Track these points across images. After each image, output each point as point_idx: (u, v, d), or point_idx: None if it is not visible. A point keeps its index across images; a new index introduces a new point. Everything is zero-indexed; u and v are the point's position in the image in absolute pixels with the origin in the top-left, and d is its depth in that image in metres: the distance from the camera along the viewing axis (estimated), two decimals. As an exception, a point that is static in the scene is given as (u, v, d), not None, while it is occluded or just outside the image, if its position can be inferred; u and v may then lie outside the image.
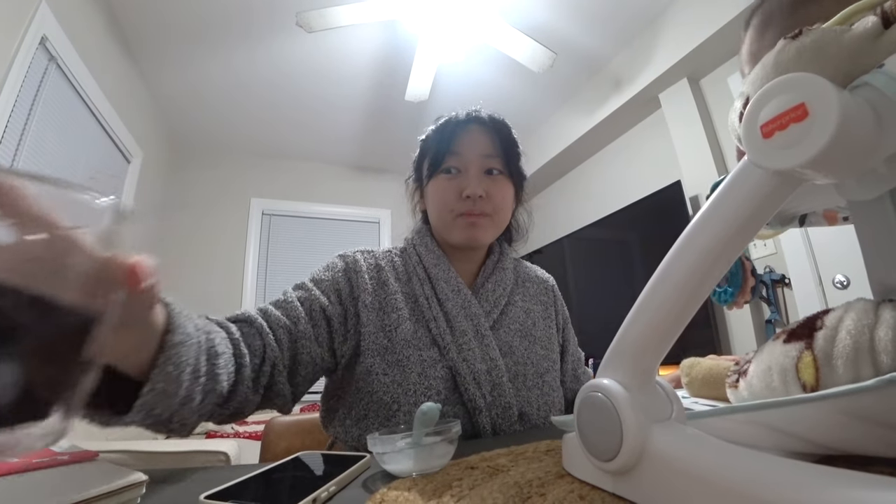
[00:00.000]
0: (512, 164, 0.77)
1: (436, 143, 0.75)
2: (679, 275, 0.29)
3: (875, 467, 0.29)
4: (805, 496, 0.20)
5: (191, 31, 2.41)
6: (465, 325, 0.67)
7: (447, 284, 0.70)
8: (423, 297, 0.69)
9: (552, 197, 3.81)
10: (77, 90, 2.09)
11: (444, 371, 0.64)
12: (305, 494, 0.31)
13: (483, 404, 0.63)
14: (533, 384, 0.69)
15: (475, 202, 0.71)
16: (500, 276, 0.76)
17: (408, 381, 0.62)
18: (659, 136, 2.69)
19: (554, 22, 2.42)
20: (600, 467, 0.30)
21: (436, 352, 0.65)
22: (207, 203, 3.61)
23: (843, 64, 0.25)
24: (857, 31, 0.25)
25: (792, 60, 0.27)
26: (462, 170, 0.73)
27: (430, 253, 0.74)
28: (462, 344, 0.65)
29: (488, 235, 0.74)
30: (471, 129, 0.75)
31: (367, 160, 4.02)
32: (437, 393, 0.62)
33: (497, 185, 0.74)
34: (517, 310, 0.76)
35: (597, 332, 3.06)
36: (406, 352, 0.64)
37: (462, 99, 3.09)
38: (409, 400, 0.61)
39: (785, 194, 0.26)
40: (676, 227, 0.38)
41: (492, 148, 0.75)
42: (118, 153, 2.60)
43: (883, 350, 0.28)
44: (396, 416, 0.61)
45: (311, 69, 2.78)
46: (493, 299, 0.73)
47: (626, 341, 0.31)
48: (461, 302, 0.69)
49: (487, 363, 0.65)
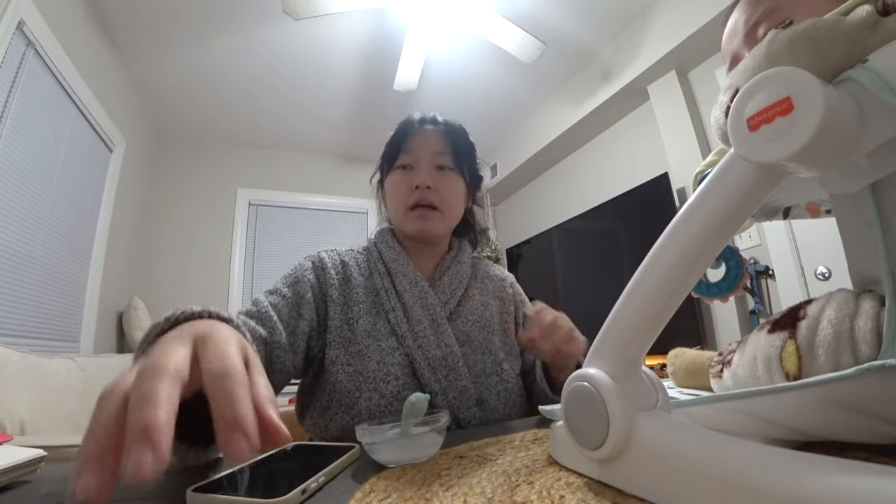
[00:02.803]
0: (464, 163, 0.82)
1: (391, 143, 0.81)
2: (665, 266, 0.30)
3: (851, 453, 0.30)
4: (786, 481, 0.20)
5: (174, 16, 2.36)
6: (421, 314, 0.71)
7: (405, 277, 0.75)
8: (383, 290, 0.74)
9: (540, 188, 3.81)
10: (56, 77, 2.03)
11: (401, 358, 0.68)
12: (295, 485, 0.31)
13: (438, 388, 0.66)
14: (492, 371, 0.73)
15: (423, 192, 0.76)
16: (456, 270, 0.81)
17: (367, 368, 0.66)
18: (647, 129, 2.70)
19: (543, 12, 2.41)
20: (587, 456, 0.30)
21: (394, 341, 0.69)
22: (193, 193, 3.56)
23: (835, 54, 0.25)
24: (852, 21, 0.25)
25: (784, 49, 0.26)
26: (414, 166, 0.79)
27: (389, 249, 0.79)
28: (418, 332, 0.69)
29: (439, 227, 0.79)
30: (424, 129, 0.80)
31: (355, 150, 3.98)
32: (395, 378, 0.66)
33: (446, 179, 0.79)
34: (475, 303, 0.80)
35: (584, 322, 3.09)
36: (366, 342, 0.68)
37: (451, 89, 3.08)
38: (368, 386, 0.64)
39: (770, 187, 0.26)
40: (663, 218, 0.38)
41: (443, 146, 0.80)
42: (100, 142, 2.55)
43: (862, 339, 0.28)
44: (358, 403, 0.64)
45: (299, 57, 2.73)
46: (450, 291, 0.77)
47: (613, 331, 0.32)
48: (418, 293, 0.73)
49: (443, 349, 0.69)
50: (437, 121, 0.82)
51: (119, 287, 2.81)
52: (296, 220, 3.88)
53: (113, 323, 2.78)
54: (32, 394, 1.45)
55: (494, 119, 3.56)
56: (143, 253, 3.22)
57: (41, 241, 2.03)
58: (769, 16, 0.47)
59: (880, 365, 0.24)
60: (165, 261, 3.34)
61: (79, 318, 2.41)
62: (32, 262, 1.96)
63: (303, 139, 3.78)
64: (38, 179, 1.99)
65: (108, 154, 2.67)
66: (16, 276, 1.85)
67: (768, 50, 0.27)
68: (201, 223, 3.52)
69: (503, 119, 3.55)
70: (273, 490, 0.31)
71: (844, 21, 0.25)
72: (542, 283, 3.32)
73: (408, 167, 0.79)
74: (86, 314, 2.45)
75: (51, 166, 2.08)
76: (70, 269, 2.30)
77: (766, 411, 0.31)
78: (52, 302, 2.14)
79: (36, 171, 1.97)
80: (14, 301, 1.85)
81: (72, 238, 2.31)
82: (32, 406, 1.42)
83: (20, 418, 1.34)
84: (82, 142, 2.36)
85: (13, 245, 1.83)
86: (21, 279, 1.89)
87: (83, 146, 2.38)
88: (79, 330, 2.39)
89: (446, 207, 0.78)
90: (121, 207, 2.78)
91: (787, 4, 0.46)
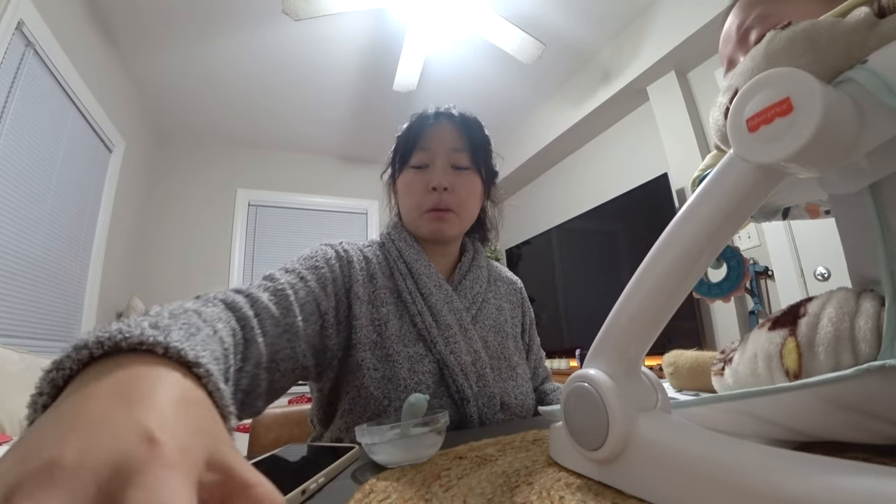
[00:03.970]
0: (480, 160, 0.77)
1: (405, 138, 0.76)
2: (665, 266, 0.30)
3: (850, 453, 0.30)
4: (785, 482, 0.20)
5: (174, 16, 2.36)
6: (450, 318, 0.68)
7: (429, 279, 0.71)
8: (407, 291, 0.70)
9: (540, 188, 3.81)
10: (56, 77, 2.03)
11: (431, 365, 0.65)
12: (294, 486, 0.31)
13: (471, 394, 0.64)
14: (508, 375, 0.72)
15: (440, 195, 0.72)
16: (476, 274, 0.78)
17: (398, 376, 0.62)
18: (646, 129, 2.70)
19: (543, 13, 2.41)
20: (587, 456, 0.30)
21: (422, 347, 0.66)
22: (192, 193, 3.56)
23: (835, 54, 0.25)
24: (850, 22, 0.25)
25: (783, 50, 0.26)
26: (430, 164, 0.74)
27: (409, 248, 0.74)
28: (448, 337, 0.66)
29: (454, 229, 0.75)
30: (440, 124, 0.75)
31: (355, 151, 3.98)
32: (426, 387, 0.63)
33: (463, 179, 0.75)
34: (490, 306, 0.78)
35: (583, 322, 3.07)
36: (395, 347, 0.64)
37: (451, 89, 3.08)
38: (399, 395, 0.61)
39: (769, 187, 0.26)
40: (663, 219, 0.38)
41: (459, 142, 0.75)
42: (99, 142, 2.55)
43: (863, 339, 0.28)
44: (387, 411, 0.60)
45: (299, 58, 2.73)
46: (472, 295, 0.75)
47: (613, 332, 0.32)
48: (444, 297, 0.70)
49: (472, 355, 0.67)
50: (453, 114, 0.76)
51: (118, 287, 2.81)
52: (295, 220, 3.87)
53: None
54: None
55: (494, 120, 3.55)
56: (143, 253, 3.22)
57: (40, 241, 2.02)
58: (761, 21, 0.47)
59: (880, 365, 0.24)
60: (165, 261, 3.34)
61: (78, 319, 2.40)
62: (32, 262, 1.96)
63: (302, 139, 3.78)
64: (38, 180, 1.99)
65: (107, 154, 2.67)
66: (15, 277, 1.85)
67: (767, 50, 0.27)
68: (201, 223, 3.52)
69: (503, 120, 3.55)
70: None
71: (843, 22, 0.25)
72: (542, 284, 3.32)
73: (423, 167, 0.74)
74: (85, 314, 2.45)
75: (50, 167, 2.08)
76: (69, 269, 2.30)
77: (766, 412, 0.31)
78: (52, 302, 2.14)
79: (35, 172, 1.96)
80: (13, 301, 1.85)
81: (71, 238, 2.31)
82: (32, 406, 1.42)
83: (20, 419, 1.34)
84: (82, 142, 2.36)
85: (12, 245, 1.83)
86: (20, 279, 1.89)
87: (82, 146, 2.38)
88: (78, 330, 2.39)
89: (462, 209, 0.75)
90: (120, 208, 2.77)
91: (778, 11, 0.46)
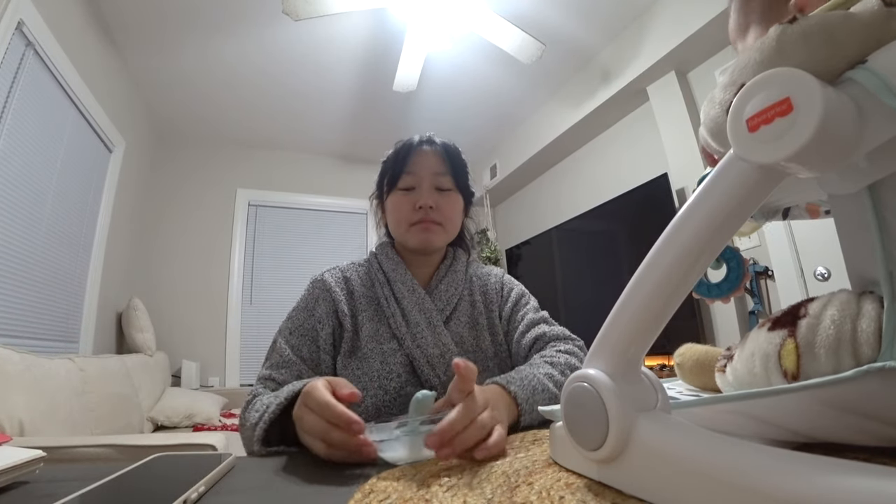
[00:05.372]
0: (461, 182, 0.87)
1: (393, 163, 0.85)
2: (665, 266, 0.29)
3: (849, 454, 0.30)
4: (785, 482, 0.20)
5: (174, 16, 2.36)
6: (419, 318, 0.77)
7: (403, 285, 0.80)
8: (384, 297, 0.79)
9: (540, 188, 3.82)
10: (56, 77, 2.03)
11: (402, 358, 0.74)
12: (170, 500, 0.29)
13: (438, 383, 0.72)
14: (483, 367, 0.78)
15: (427, 213, 0.81)
16: (452, 278, 0.86)
17: (371, 369, 0.72)
18: (646, 129, 2.70)
19: (543, 13, 2.42)
20: (587, 456, 0.30)
21: (395, 343, 0.75)
22: (192, 193, 3.56)
23: (852, 47, 0.25)
24: (866, 13, 0.25)
25: (798, 43, 0.26)
26: (416, 186, 0.83)
27: (389, 260, 0.84)
28: (416, 334, 0.75)
29: (440, 240, 0.84)
30: (424, 150, 0.85)
31: (355, 151, 3.98)
32: (397, 376, 0.72)
33: (447, 199, 0.84)
34: (465, 304, 0.85)
35: (584, 322, 3.09)
36: (370, 346, 0.75)
37: (451, 89, 3.08)
38: (373, 385, 0.71)
39: (769, 188, 0.26)
40: (663, 219, 0.38)
41: (442, 167, 0.84)
42: (99, 142, 2.55)
43: (865, 342, 0.28)
44: (364, 401, 0.69)
45: (298, 58, 2.73)
46: (447, 297, 0.83)
47: (613, 332, 0.32)
48: (415, 299, 0.79)
49: (440, 348, 0.75)
50: (436, 142, 0.86)
51: (118, 287, 2.81)
52: (295, 220, 3.88)
53: (112, 323, 2.77)
54: (32, 394, 1.45)
55: (494, 120, 3.56)
56: (143, 253, 3.22)
57: (41, 241, 2.02)
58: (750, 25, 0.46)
59: (880, 367, 0.24)
60: (165, 261, 3.34)
61: (78, 319, 2.40)
62: (32, 262, 1.96)
63: (302, 139, 3.79)
64: (38, 180, 1.99)
65: (107, 154, 2.67)
66: (15, 277, 1.85)
67: (779, 43, 0.26)
68: (201, 224, 3.52)
69: (503, 120, 3.55)
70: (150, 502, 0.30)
71: (858, 14, 0.25)
72: (542, 284, 3.32)
73: (410, 189, 0.83)
74: (85, 314, 2.45)
75: (50, 167, 2.08)
76: (69, 269, 2.30)
77: (766, 413, 0.31)
78: (52, 302, 2.14)
79: (35, 172, 1.96)
80: (13, 301, 1.85)
81: (71, 238, 2.31)
82: (31, 407, 1.42)
83: (19, 419, 1.34)
84: (82, 142, 2.36)
85: (13, 245, 1.83)
86: (20, 279, 1.89)
87: (83, 146, 2.38)
88: (78, 330, 2.39)
89: (448, 223, 0.84)
90: (120, 208, 2.78)
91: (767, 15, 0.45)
